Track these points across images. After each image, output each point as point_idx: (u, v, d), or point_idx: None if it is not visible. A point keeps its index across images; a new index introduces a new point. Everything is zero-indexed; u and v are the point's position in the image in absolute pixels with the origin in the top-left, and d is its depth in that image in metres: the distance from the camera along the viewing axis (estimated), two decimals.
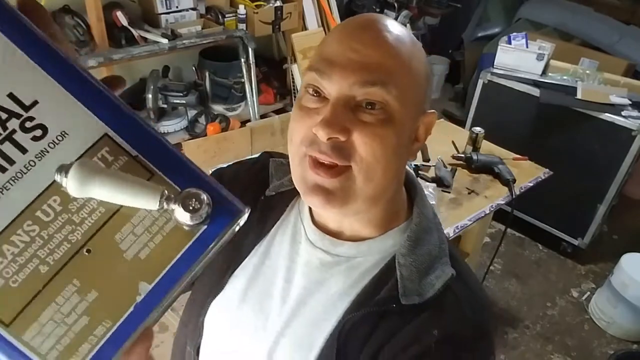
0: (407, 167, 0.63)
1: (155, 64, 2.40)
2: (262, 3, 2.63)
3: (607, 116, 2.33)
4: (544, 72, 2.62)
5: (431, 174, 1.76)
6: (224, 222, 0.31)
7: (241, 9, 2.50)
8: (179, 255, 0.31)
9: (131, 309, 0.30)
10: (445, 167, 1.77)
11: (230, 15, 2.50)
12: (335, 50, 0.52)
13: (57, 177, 0.29)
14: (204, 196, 0.30)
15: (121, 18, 2.12)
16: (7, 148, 0.29)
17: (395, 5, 3.46)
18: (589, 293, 2.54)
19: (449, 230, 1.50)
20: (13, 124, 0.30)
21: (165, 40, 2.14)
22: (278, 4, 2.64)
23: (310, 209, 0.65)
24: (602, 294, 2.39)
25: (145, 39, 2.18)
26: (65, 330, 0.29)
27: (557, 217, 2.68)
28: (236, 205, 0.32)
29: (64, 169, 0.29)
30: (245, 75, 2.50)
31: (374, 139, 0.51)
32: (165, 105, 2.35)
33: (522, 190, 1.74)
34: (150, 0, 2.26)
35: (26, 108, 0.30)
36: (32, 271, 0.29)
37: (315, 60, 0.54)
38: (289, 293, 0.62)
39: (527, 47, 2.61)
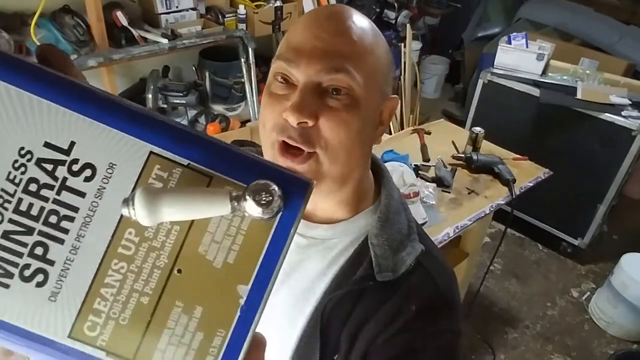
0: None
1: (155, 64, 2.40)
2: (262, 3, 2.62)
3: (607, 116, 2.33)
4: (544, 72, 2.62)
5: (431, 174, 1.76)
6: (297, 202, 0.30)
7: (241, 9, 2.50)
8: (265, 249, 0.31)
9: (238, 313, 0.30)
10: (445, 167, 1.77)
11: (230, 15, 2.50)
12: (302, 39, 0.55)
13: (125, 212, 0.28)
14: (273, 187, 0.29)
15: (121, 18, 2.12)
16: (67, 197, 0.29)
17: (395, 5, 3.46)
18: (589, 293, 2.54)
19: (449, 230, 1.50)
20: (61, 171, 0.29)
21: (165, 40, 2.14)
22: (278, 4, 2.64)
23: None
24: (602, 294, 2.39)
25: (145, 39, 2.18)
26: (186, 350, 0.30)
27: (557, 217, 2.68)
28: (302, 179, 0.31)
29: (128, 202, 0.28)
30: (245, 75, 2.50)
31: (339, 123, 0.54)
32: (165, 105, 2.35)
33: (522, 190, 1.74)
34: (150, 0, 2.26)
35: (66, 152, 0.29)
36: (136, 305, 0.29)
37: (283, 49, 0.57)
38: None
39: (527, 47, 2.61)
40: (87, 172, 0.29)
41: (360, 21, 0.57)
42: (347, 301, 0.60)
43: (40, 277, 0.28)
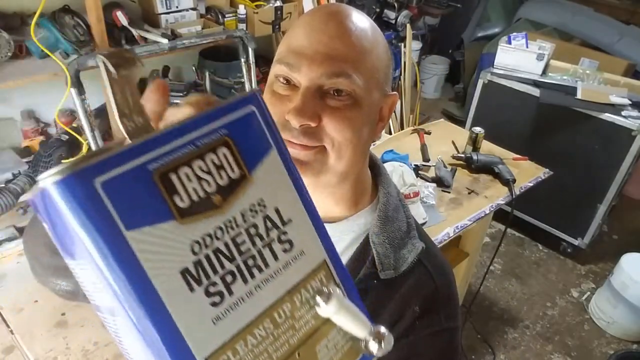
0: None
1: (155, 64, 2.40)
2: (262, 3, 2.62)
3: (607, 116, 2.33)
4: (544, 72, 2.62)
5: (431, 174, 1.76)
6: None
7: (241, 9, 2.50)
8: None
9: None
10: (445, 167, 1.77)
11: (230, 15, 2.50)
12: (303, 42, 0.56)
13: (318, 300, 0.36)
14: (390, 337, 0.37)
15: (121, 18, 2.12)
16: (267, 254, 0.34)
17: (395, 5, 3.45)
18: (589, 293, 2.54)
19: (449, 230, 1.50)
20: (273, 234, 0.35)
21: (165, 40, 2.14)
22: (278, 4, 2.64)
23: None
24: (602, 294, 2.39)
25: (145, 39, 2.18)
26: None
27: (557, 217, 2.68)
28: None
29: (325, 295, 0.36)
30: (245, 75, 2.49)
31: (343, 121, 0.56)
32: None
33: (522, 190, 1.74)
34: (150, 0, 2.26)
35: (284, 224, 0.36)
36: None
37: (284, 53, 0.57)
38: None
39: (527, 47, 2.61)
40: (287, 246, 0.36)
41: (359, 20, 0.58)
42: None
43: (217, 299, 0.31)
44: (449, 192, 1.69)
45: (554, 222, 2.70)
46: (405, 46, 3.33)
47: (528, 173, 1.84)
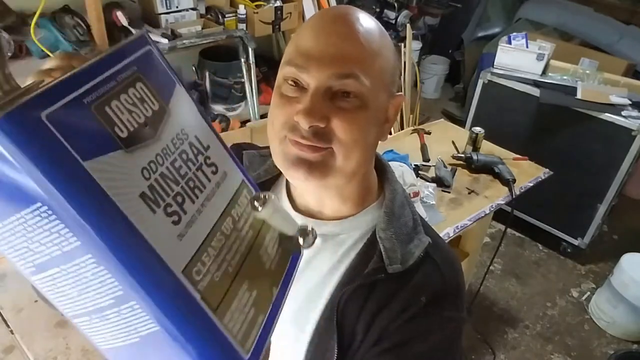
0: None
1: None
2: (262, 3, 2.62)
3: (607, 116, 2.33)
4: (544, 72, 2.62)
5: (431, 174, 1.76)
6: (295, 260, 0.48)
7: (241, 9, 2.50)
8: (285, 271, 0.45)
9: (270, 307, 0.42)
10: (445, 167, 1.77)
11: (230, 15, 2.50)
12: (311, 43, 0.56)
13: (257, 204, 0.43)
14: (314, 231, 0.46)
15: (121, 18, 2.12)
16: (200, 175, 0.39)
17: (395, 5, 3.46)
18: (589, 293, 2.54)
19: (449, 230, 1.50)
20: (200, 158, 0.40)
21: (165, 40, 2.13)
22: (278, 4, 2.63)
23: (289, 196, 0.71)
24: (602, 294, 2.39)
25: None
26: (244, 318, 0.38)
27: (557, 217, 2.68)
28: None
29: (261, 200, 0.43)
30: (245, 75, 2.50)
31: (352, 122, 0.56)
32: None
33: (522, 190, 1.74)
34: (150, 0, 2.26)
35: (205, 149, 0.41)
36: (224, 271, 0.38)
37: (293, 55, 0.58)
38: None
39: (527, 47, 2.61)
40: (213, 169, 0.41)
41: (367, 22, 0.58)
42: (360, 294, 0.62)
43: (175, 218, 0.35)
44: (449, 192, 1.69)
45: (554, 222, 2.70)
46: (405, 46, 3.33)
47: (528, 173, 1.84)
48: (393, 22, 3.45)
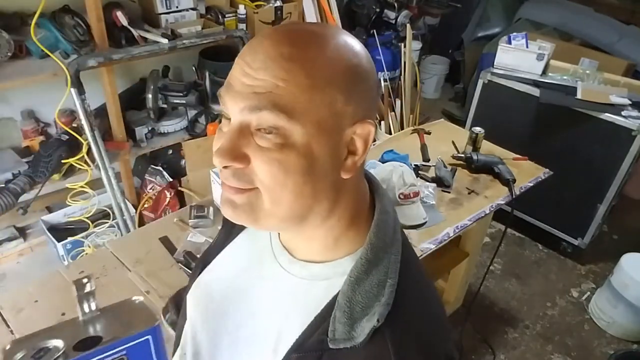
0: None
1: (155, 64, 2.40)
2: (262, 3, 2.63)
3: (607, 116, 2.33)
4: (544, 72, 2.62)
5: (431, 174, 1.76)
6: None
7: (241, 9, 2.50)
8: None
9: None
10: (445, 167, 1.77)
11: (230, 15, 2.50)
12: (233, 72, 0.50)
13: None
14: None
15: (121, 18, 2.12)
16: None
17: (395, 5, 3.46)
18: (589, 293, 2.54)
19: (449, 230, 1.50)
20: None
21: (165, 40, 2.13)
22: (278, 4, 2.64)
23: None
24: (602, 294, 2.39)
25: (145, 39, 2.18)
26: None
27: (557, 217, 2.68)
28: None
29: None
30: None
31: (272, 163, 0.48)
32: (165, 105, 2.35)
33: (522, 190, 1.74)
34: (150, 0, 2.26)
35: None
36: None
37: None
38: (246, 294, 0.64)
39: (527, 47, 2.61)
40: None
41: (300, 44, 0.48)
42: None
43: None
44: (449, 192, 1.69)
45: (554, 222, 2.70)
46: (405, 46, 3.33)
47: (528, 173, 1.84)
48: (393, 22, 3.45)
